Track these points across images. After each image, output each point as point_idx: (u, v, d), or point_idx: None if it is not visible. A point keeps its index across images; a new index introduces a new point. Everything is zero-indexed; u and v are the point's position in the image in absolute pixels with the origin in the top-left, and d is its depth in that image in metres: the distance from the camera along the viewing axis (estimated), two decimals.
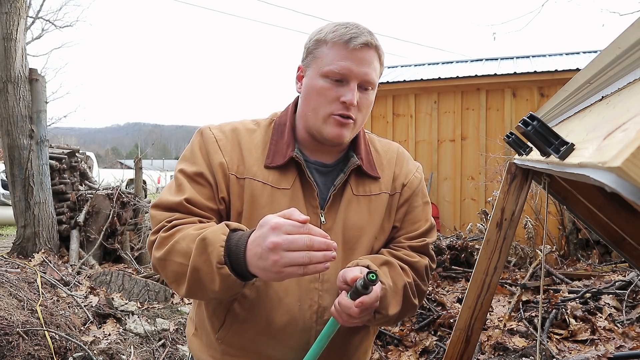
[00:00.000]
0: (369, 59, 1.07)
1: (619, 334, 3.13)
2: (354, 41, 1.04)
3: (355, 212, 1.14)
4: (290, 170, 1.11)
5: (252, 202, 1.08)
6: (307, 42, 1.12)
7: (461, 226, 6.42)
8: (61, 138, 30.64)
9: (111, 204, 5.18)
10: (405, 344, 3.21)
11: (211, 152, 1.10)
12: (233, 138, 1.13)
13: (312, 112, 1.09)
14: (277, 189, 1.09)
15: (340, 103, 1.06)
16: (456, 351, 1.70)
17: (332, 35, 1.06)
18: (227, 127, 1.15)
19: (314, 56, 1.09)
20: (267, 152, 1.12)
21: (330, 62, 1.05)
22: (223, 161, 1.09)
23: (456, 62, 8.49)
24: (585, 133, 0.78)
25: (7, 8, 4.55)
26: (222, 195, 1.09)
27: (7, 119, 4.59)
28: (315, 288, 1.10)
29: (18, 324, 2.68)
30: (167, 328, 3.34)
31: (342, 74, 1.05)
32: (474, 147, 6.64)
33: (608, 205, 1.64)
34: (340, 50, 1.05)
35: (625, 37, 0.69)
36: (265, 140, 1.14)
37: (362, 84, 1.07)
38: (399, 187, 1.21)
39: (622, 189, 0.42)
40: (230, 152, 1.11)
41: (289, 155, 1.10)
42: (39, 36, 20.98)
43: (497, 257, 1.68)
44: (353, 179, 1.15)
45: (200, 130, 1.15)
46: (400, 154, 1.26)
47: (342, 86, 1.06)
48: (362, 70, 1.05)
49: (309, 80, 1.10)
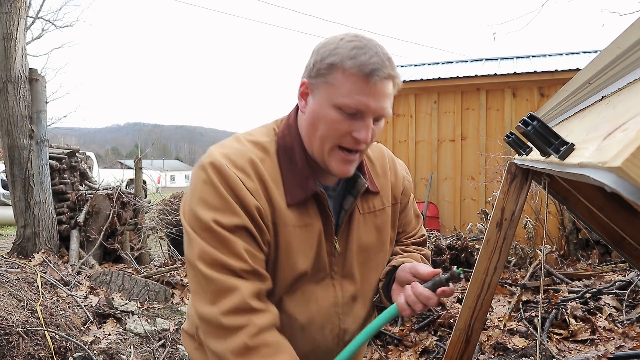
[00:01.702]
0: (388, 91, 0.98)
1: (619, 334, 3.13)
2: (376, 75, 0.94)
3: (364, 232, 1.14)
4: (310, 202, 1.05)
5: (288, 249, 1.03)
6: (316, 59, 0.99)
7: (461, 226, 6.42)
8: (61, 138, 30.67)
9: (111, 204, 5.18)
10: (405, 344, 3.21)
11: (243, 196, 0.97)
12: (256, 176, 1.00)
13: (318, 141, 1.01)
14: (304, 227, 1.04)
15: (352, 137, 0.98)
16: (456, 351, 1.70)
17: (351, 63, 0.94)
18: (242, 161, 1.00)
19: (326, 81, 0.97)
20: (283, 186, 1.03)
21: (345, 94, 0.95)
22: (258, 205, 0.99)
23: (456, 62, 8.49)
24: (585, 133, 0.78)
25: (7, 8, 4.55)
26: (267, 239, 1.01)
27: (7, 119, 4.59)
28: (336, 312, 1.12)
29: (18, 324, 2.68)
30: (167, 328, 3.34)
31: (358, 109, 0.96)
32: (474, 147, 6.64)
33: (608, 205, 1.64)
34: (357, 83, 0.94)
35: (625, 37, 0.69)
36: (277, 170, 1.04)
37: (377, 117, 1.00)
38: (398, 196, 1.22)
39: (622, 189, 0.42)
40: (260, 194, 1.00)
41: (312, 191, 1.03)
42: (39, 36, 20.98)
43: (497, 257, 1.68)
44: (359, 199, 1.13)
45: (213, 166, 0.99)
46: (391, 159, 1.25)
47: (356, 120, 0.97)
48: (380, 105, 0.97)
49: (317, 106, 0.99)
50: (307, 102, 1.03)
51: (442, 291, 1.01)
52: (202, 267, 0.95)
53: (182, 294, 4.18)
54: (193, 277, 0.99)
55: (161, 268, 4.85)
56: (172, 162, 70.43)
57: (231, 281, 0.95)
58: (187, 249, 1.00)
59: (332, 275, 1.11)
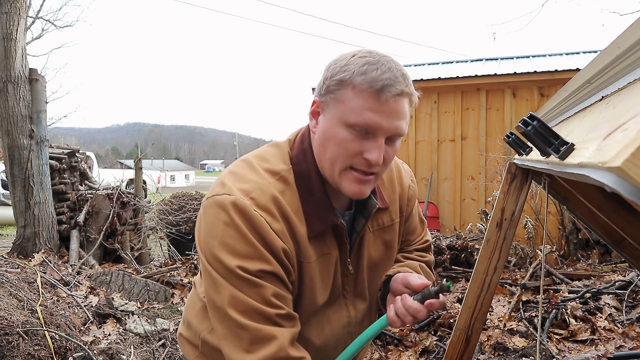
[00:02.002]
0: (403, 110, 0.92)
1: (619, 334, 3.13)
2: (387, 91, 0.88)
3: (374, 250, 1.14)
4: (328, 231, 1.02)
5: (311, 284, 1.02)
6: (326, 76, 0.95)
7: (461, 226, 6.42)
8: (61, 138, 30.67)
9: (111, 204, 5.18)
10: (405, 344, 3.21)
11: (271, 241, 0.92)
12: (281, 215, 0.95)
13: (328, 163, 0.96)
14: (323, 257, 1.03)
15: (363, 159, 0.92)
16: (456, 351, 1.70)
17: (361, 79, 0.89)
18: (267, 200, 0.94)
19: (335, 98, 0.93)
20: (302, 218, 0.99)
21: (355, 111, 0.89)
22: (285, 247, 0.95)
23: (456, 62, 8.48)
24: (585, 133, 0.78)
25: (7, 8, 4.55)
26: (293, 279, 0.99)
27: (7, 119, 4.59)
28: (349, 332, 1.13)
29: (18, 324, 2.68)
30: (167, 328, 3.34)
31: (369, 127, 0.90)
32: (474, 147, 6.64)
33: (608, 205, 1.64)
34: (368, 99, 0.89)
35: (625, 37, 0.69)
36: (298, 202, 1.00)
37: (391, 138, 0.94)
38: (404, 207, 1.21)
39: (622, 189, 0.42)
40: (286, 235, 0.96)
41: (332, 222, 1.00)
42: (39, 36, 20.98)
43: (497, 257, 1.68)
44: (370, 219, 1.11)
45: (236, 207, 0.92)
46: (397, 169, 1.21)
47: (367, 139, 0.91)
48: (393, 124, 0.91)
49: (327, 125, 0.95)
50: (318, 121, 0.98)
51: (430, 303, 0.99)
52: (235, 314, 0.91)
53: (182, 294, 4.18)
54: (223, 324, 0.93)
55: (161, 268, 4.86)
56: (172, 162, 70.48)
57: (268, 330, 0.91)
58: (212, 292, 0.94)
59: (344, 294, 1.11)
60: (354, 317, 1.13)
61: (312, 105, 1.00)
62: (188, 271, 4.91)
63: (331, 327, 1.10)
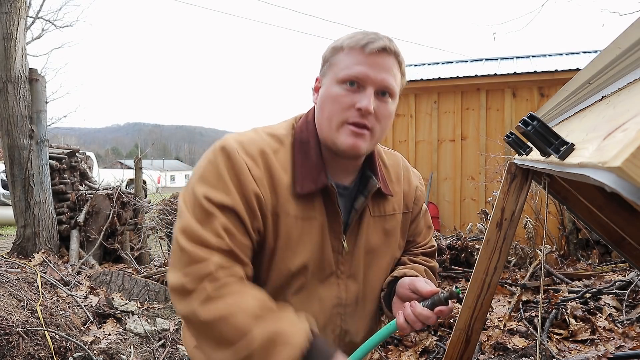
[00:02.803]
0: (388, 65, 1.01)
1: (619, 334, 3.13)
2: (371, 45, 1.00)
3: (373, 234, 1.15)
4: (317, 195, 1.06)
5: (287, 238, 1.04)
6: (324, 53, 1.09)
7: (461, 226, 6.42)
8: (61, 138, 30.67)
9: (111, 204, 5.18)
10: (405, 344, 3.21)
11: (244, 181, 0.99)
12: (264, 165, 1.02)
13: (326, 121, 1.04)
14: (307, 220, 1.05)
15: (356, 110, 1.00)
16: (456, 351, 1.70)
17: (349, 41, 1.02)
18: (254, 149, 1.02)
19: (330, 64, 1.05)
20: (293, 175, 1.04)
21: (345, 67, 1.01)
22: (259, 193, 1.00)
23: (456, 62, 8.49)
24: (585, 133, 0.78)
25: (7, 8, 4.55)
26: (258, 227, 1.01)
27: (7, 119, 4.59)
28: (339, 313, 1.13)
29: (18, 324, 2.68)
30: (167, 328, 3.34)
31: (358, 78, 1.00)
32: (474, 147, 6.64)
33: (608, 205, 1.64)
34: (356, 54, 1.01)
35: (625, 37, 0.69)
36: (291, 161, 1.06)
37: (379, 90, 1.01)
38: (410, 205, 1.23)
39: (622, 189, 0.42)
40: (264, 183, 1.01)
41: (322, 184, 1.04)
42: (39, 36, 20.98)
43: (497, 257, 1.68)
44: (370, 201, 1.14)
45: (224, 149, 1.01)
46: (405, 168, 1.27)
47: (358, 92, 1.00)
48: (379, 76, 1.00)
49: (324, 88, 1.05)
50: (319, 93, 1.08)
51: (440, 310, 1.01)
52: (182, 239, 0.97)
53: None
54: (173, 250, 1.00)
55: (161, 268, 4.85)
56: (172, 162, 70.45)
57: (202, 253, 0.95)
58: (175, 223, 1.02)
59: (338, 274, 1.11)
60: (345, 299, 1.13)
61: (315, 83, 1.11)
62: None
63: (321, 304, 1.10)
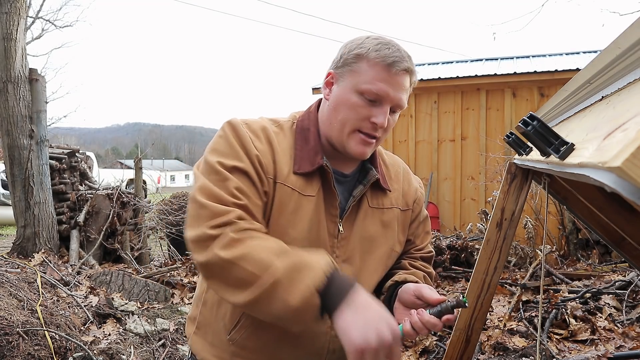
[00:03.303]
0: (405, 84, 1.08)
1: (619, 334, 3.13)
2: (397, 66, 1.05)
3: (370, 224, 1.17)
4: (315, 177, 1.11)
5: (280, 207, 1.07)
6: (344, 51, 1.11)
7: (461, 226, 6.42)
8: (61, 138, 30.65)
9: (111, 204, 5.18)
10: (405, 344, 3.21)
11: (249, 149, 1.06)
12: (265, 138, 1.10)
13: (339, 124, 1.09)
14: (304, 196, 1.09)
15: (370, 123, 1.07)
16: (456, 351, 1.70)
17: (375, 54, 1.05)
18: (257, 126, 1.11)
19: (352, 69, 1.08)
20: (293, 157, 1.11)
21: (368, 80, 1.05)
22: (262, 160, 1.06)
23: (456, 62, 8.49)
24: (585, 133, 0.78)
25: (7, 8, 4.55)
26: (266, 190, 1.06)
27: (7, 119, 4.59)
28: None
29: (18, 324, 2.68)
30: (167, 328, 3.34)
31: (379, 95, 1.05)
32: (474, 147, 6.64)
33: (608, 205, 1.64)
34: (380, 71, 1.05)
35: (625, 37, 0.69)
36: (289, 144, 1.13)
37: (393, 108, 1.09)
38: (411, 204, 1.27)
39: (622, 189, 0.42)
40: (265, 152, 1.08)
41: (318, 163, 1.09)
42: (39, 36, 20.99)
43: (497, 257, 1.68)
44: (369, 191, 1.18)
45: (230, 123, 1.10)
46: (405, 169, 1.31)
47: (375, 107, 1.06)
48: (397, 95, 1.07)
49: (341, 92, 1.09)
50: (332, 90, 1.12)
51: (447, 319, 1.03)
52: (200, 197, 1.00)
53: (182, 294, 4.18)
54: (190, 210, 1.02)
55: (161, 268, 4.86)
56: (172, 162, 70.40)
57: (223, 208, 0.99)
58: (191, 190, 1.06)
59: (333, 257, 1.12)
60: None
61: (327, 77, 1.14)
62: (188, 271, 4.92)
63: None
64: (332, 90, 1.12)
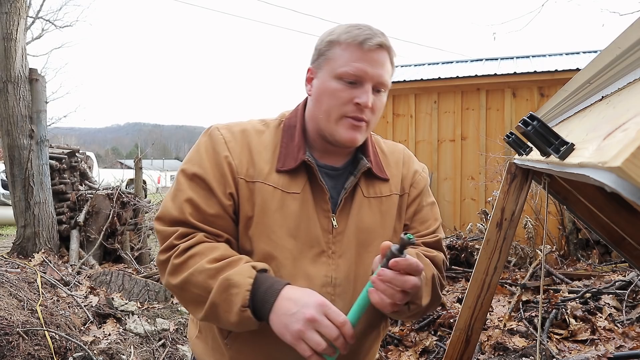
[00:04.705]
0: (383, 60, 1.06)
1: (619, 334, 3.13)
2: (369, 42, 1.03)
3: (367, 215, 1.14)
4: (301, 174, 1.09)
5: (263, 206, 1.06)
6: (317, 44, 1.11)
7: (461, 226, 6.42)
8: (61, 138, 30.60)
9: (111, 204, 5.18)
10: (405, 344, 3.21)
11: (218, 149, 1.08)
12: (242, 140, 1.10)
13: (324, 115, 1.07)
14: (288, 194, 1.07)
15: (354, 105, 1.04)
16: (456, 351, 1.70)
17: (346, 36, 1.05)
18: (236, 128, 1.12)
19: (326, 58, 1.07)
20: (277, 155, 1.10)
21: (344, 63, 1.04)
22: (232, 162, 1.07)
23: (456, 62, 8.48)
24: (585, 133, 0.78)
25: (7, 8, 4.55)
26: (230, 191, 1.06)
27: (7, 119, 4.59)
28: (328, 292, 1.09)
29: (18, 324, 2.68)
30: (167, 328, 3.34)
31: (357, 76, 1.03)
32: (474, 147, 6.64)
33: (608, 205, 1.63)
34: (354, 51, 1.04)
35: (625, 37, 0.69)
36: (274, 142, 1.12)
37: (376, 86, 1.06)
38: (407, 187, 1.22)
39: (622, 189, 0.42)
40: (239, 154, 1.08)
41: (301, 159, 1.08)
42: (39, 36, 20.97)
43: (497, 257, 1.68)
44: (363, 182, 1.15)
45: (207, 131, 1.13)
46: (407, 155, 1.28)
47: (356, 88, 1.04)
48: (376, 72, 1.04)
49: (321, 82, 1.08)
50: (313, 85, 1.11)
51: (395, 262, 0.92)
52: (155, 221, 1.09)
53: None
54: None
55: None
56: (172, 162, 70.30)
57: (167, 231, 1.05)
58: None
59: (329, 254, 1.10)
60: (335, 278, 1.09)
61: (307, 74, 1.13)
62: None
63: (309, 283, 1.07)
64: (312, 85, 1.11)
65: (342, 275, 1.10)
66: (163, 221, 1.07)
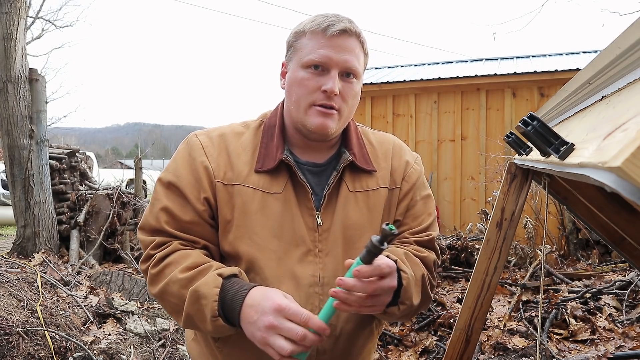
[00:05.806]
0: (350, 46, 1.04)
1: (619, 334, 3.13)
2: (332, 28, 1.02)
3: (353, 210, 1.10)
4: (281, 173, 1.08)
5: (244, 208, 1.05)
6: (287, 37, 1.11)
7: (461, 226, 6.42)
8: (61, 138, 30.57)
9: (111, 204, 5.18)
10: (405, 344, 3.21)
11: (194, 155, 1.08)
12: (220, 144, 1.10)
13: (295, 105, 1.07)
14: (269, 194, 1.06)
15: (322, 92, 1.03)
16: (456, 351, 1.70)
17: (310, 25, 1.05)
18: (214, 133, 1.12)
19: (294, 49, 1.07)
20: (257, 156, 1.09)
21: (309, 51, 1.03)
22: (208, 166, 1.06)
23: (456, 62, 8.49)
24: (585, 133, 0.78)
25: (7, 8, 4.55)
26: (205, 196, 1.06)
27: (7, 119, 4.59)
28: (316, 292, 1.07)
29: (18, 324, 2.68)
30: (167, 328, 3.34)
31: (321, 62, 1.03)
32: (474, 147, 6.64)
33: (608, 205, 1.63)
34: (318, 38, 1.03)
35: (625, 37, 0.69)
36: (254, 143, 1.11)
37: (343, 72, 1.05)
38: (399, 181, 1.17)
39: (622, 189, 0.42)
40: (216, 158, 1.07)
41: (279, 158, 1.07)
42: (39, 36, 20.97)
43: (497, 257, 1.68)
44: (348, 176, 1.11)
45: (186, 139, 1.13)
46: (397, 145, 1.22)
47: (323, 75, 1.04)
48: (342, 57, 1.03)
49: (290, 73, 1.08)
50: (286, 78, 1.11)
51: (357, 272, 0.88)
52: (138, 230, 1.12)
53: None
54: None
55: None
56: None
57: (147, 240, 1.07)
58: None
59: (316, 252, 1.07)
60: (322, 277, 1.07)
61: (281, 68, 1.13)
62: None
63: (296, 283, 1.05)
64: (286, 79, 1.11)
65: (330, 274, 1.07)
66: (144, 230, 1.09)
